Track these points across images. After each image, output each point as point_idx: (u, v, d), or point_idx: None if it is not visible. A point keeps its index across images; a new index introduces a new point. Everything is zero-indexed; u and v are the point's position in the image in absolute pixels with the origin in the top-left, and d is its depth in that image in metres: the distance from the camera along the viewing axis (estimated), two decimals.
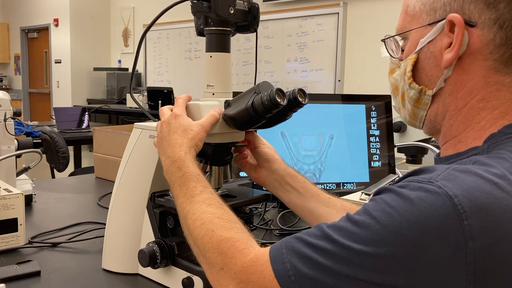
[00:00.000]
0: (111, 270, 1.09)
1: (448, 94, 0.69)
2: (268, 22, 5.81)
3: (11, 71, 10.08)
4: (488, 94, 0.65)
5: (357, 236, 0.57)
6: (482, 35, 0.64)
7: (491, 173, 0.56)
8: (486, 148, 0.63)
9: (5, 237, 1.16)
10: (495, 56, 0.64)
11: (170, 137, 0.89)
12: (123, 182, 1.09)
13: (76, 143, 4.16)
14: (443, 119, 0.70)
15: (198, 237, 0.74)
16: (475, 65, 0.65)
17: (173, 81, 7.19)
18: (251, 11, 0.98)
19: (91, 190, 1.94)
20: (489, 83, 0.65)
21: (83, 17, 8.31)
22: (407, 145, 1.85)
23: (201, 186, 0.81)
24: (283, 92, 0.90)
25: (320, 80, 5.56)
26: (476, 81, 0.66)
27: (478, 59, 0.65)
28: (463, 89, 0.67)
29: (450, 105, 0.69)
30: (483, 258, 0.53)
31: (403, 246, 0.54)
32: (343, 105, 1.53)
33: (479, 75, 0.65)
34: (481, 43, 0.64)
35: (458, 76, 0.67)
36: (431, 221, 0.53)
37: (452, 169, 0.58)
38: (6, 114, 1.52)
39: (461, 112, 0.68)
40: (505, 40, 0.63)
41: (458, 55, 0.65)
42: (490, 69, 0.65)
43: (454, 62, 0.66)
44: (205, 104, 0.94)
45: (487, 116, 0.65)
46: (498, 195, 0.54)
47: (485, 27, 0.63)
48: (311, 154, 1.47)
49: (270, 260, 0.62)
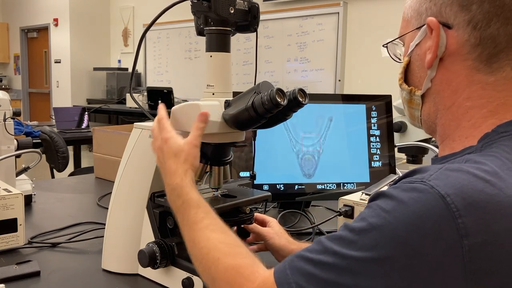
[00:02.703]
0: (110, 270, 1.09)
1: (436, 94, 0.71)
2: (268, 22, 5.81)
3: (11, 71, 10.08)
4: (473, 93, 0.67)
5: (355, 243, 0.58)
6: (457, 36, 0.66)
7: (483, 171, 0.57)
8: (480, 147, 0.64)
9: (4, 237, 1.16)
10: (473, 56, 0.66)
11: (165, 164, 0.89)
12: (123, 182, 1.09)
13: (76, 143, 4.16)
14: (436, 118, 0.73)
15: (206, 267, 0.75)
16: (456, 65, 0.68)
17: (173, 81, 7.19)
18: (251, 10, 0.98)
19: (91, 190, 1.94)
20: (473, 82, 0.67)
21: (83, 17, 8.30)
22: (407, 145, 1.84)
23: (202, 211, 0.82)
24: (283, 92, 0.89)
25: (320, 80, 5.56)
26: (460, 80, 0.68)
27: (458, 59, 0.67)
28: (448, 88, 0.69)
29: (439, 104, 0.71)
30: (479, 255, 0.53)
31: (400, 248, 0.54)
32: (343, 105, 1.53)
33: (462, 75, 0.68)
34: (458, 44, 0.67)
35: (442, 76, 0.70)
36: (425, 221, 0.54)
37: (444, 168, 0.59)
38: (5, 114, 1.52)
39: (450, 110, 0.70)
40: (479, 40, 0.65)
41: (437, 56, 0.68)
42: (472, 69, 0.67)
43: (436, 63, 0.69)
44: (205, 104, 0.93)
45: (477, 115, 0.67)
46: (490, 192, 0.55)
47: (460, 29, 0.66)
48: (310, 136, 1.47)
49: (276, 283, 0.63)
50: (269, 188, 1.44)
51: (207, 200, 0.99)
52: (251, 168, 1.25)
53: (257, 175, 1.20)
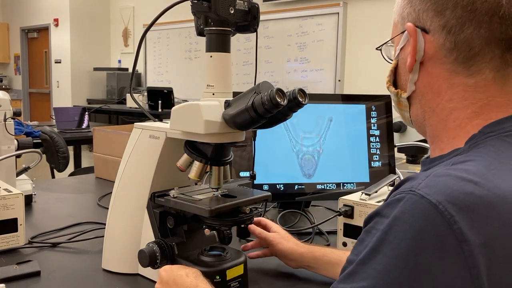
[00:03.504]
0: (111, 270, 1.09)
1: (421, 96, 0.73)
2: (268, 22, 5.81)
3: (11, 71, 10.08)
4: (455, 94, 0.68)
5: (365, 273, 0.57)
6: (434, 40, 0.68)
7: (471, 173, 0.57)
8: (467, 149, 0.64)
9: (5, 237, 1.16)
10: (450, 60, 0.68)
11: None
12: (123, 182, 1.09)
13: (76, 143, 4.16)
14: (424, 120, 0.74)
15: None
16: (436, 68, 0.69)
17: (173, 81, 7.19)
18: (251, 11, 0.98)
19: (91, 190, 1.94)
20: (453, 84, 0.68)
21: (83, 17, 8.31)
22: (407, 145, 1.85)
23: None
24: (283, 92, 0.90)
25: (320, 80, 5.56)
26: (441, 83, 0.69)
27: (437, 63, 0.69)
28: (431, 90, 0.71)
29: (425, 106, 0.73)
30: (481, 258, 0.53)
31: (407, 265, 0.54)
32: (343, 105, 1.53)
33: (442, 78, 0.69)
34: (435, 48, 0.68)
35: (424, 79, 0.71)
36: (424, 233, 0.54)
37: (433, 175, 0.59)
38: (6, 114, 1.52)
39: (434, 112, 0.71)
40: (454, 44, 0.66)
41: (416, 60, 0.70)
42: (451, 72, 0.68)
43: (417, 67, 0.71)
44: (205, 104, 0.93)
45: (461, 116, 0.68)
46: (480, 194, 0.55)
47: (436, 33, 0.68)
48: (310, 137, 1.47)
49: None
50: (269, 188, 1.44)
51: (207, 200, 0.99)
52: (251, 168, 1.26)
53: (257, 175, 1.20)
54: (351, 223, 1.20)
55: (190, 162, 1.01)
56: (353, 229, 1.19)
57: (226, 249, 1.03)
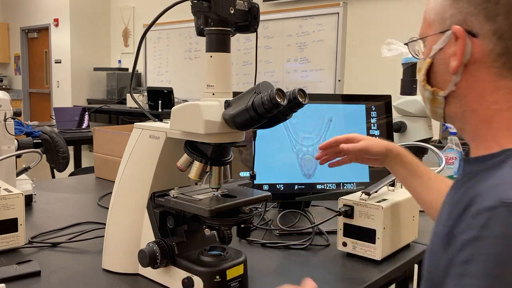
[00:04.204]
0: (111, 270, 1.09)
1: (462, 97, 0.74)
2: (268, 22, 5.81)
3: (11, 71, 10.08)
4: (500, 97, 0.69)
5: None
6: (483, 45, 0.68)
7: None
8: None
9: (5, 237, 1.16)
10: (498, 64, 0.68)
11: None
12: (123, 182, 1.09)
13: (76, 143, 4.16)
14: (463, 118, 0.75)
15: None
16: (482, 71, 0.70)
17: (173, 81, 7.19)
18: (251, 11, 0.98)
19: (91, 190, 1.94)
20: (499, 87, 0.69)
21: (83, 17, 8.31)
22: (407, 145, 1.84)
23: None
24: (283, 92, 0.90)
25: (320, 80, 5.56)
26: (485, 85, 0.70)
27: (483, 66, 0.70)
28: (474, 92, 0.72)
29: (465, 106, 0.73)
30: None
31: None
32: (343, 105, 1.53)
33: (487, 81, 0.70)
34: (483, 52, 0.69)
35: (467, 81, 0.72)
36: None
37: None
38: (6, 114, 1.52)
39: (476, 112, 0.72)
40: (505, 50, 0.67)
41: (463, 63, 0.70)
42: (497, 75, 0.69)
43: (461, 69, 0.71)
44: (205, 104, 0.94)
45: (506, 116, 0.69)
46: None
47: (486, 38, 0.68)
48: (310, 137, 1.47)
49: None
50: (269, 188, 1.44)
51: (207, 200, 0.99)
52: (251, 168, 1.26)
53: (257, 175, 1.21)
54: (351, 223, 1.20)
55: (190, 162, 1.01)
56: (353, 229, 1.19)
57: (226, 249, 1.03)
